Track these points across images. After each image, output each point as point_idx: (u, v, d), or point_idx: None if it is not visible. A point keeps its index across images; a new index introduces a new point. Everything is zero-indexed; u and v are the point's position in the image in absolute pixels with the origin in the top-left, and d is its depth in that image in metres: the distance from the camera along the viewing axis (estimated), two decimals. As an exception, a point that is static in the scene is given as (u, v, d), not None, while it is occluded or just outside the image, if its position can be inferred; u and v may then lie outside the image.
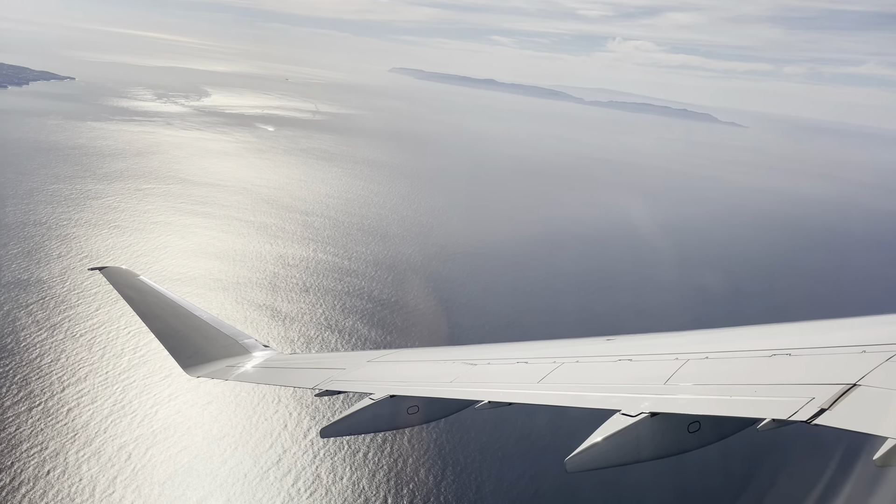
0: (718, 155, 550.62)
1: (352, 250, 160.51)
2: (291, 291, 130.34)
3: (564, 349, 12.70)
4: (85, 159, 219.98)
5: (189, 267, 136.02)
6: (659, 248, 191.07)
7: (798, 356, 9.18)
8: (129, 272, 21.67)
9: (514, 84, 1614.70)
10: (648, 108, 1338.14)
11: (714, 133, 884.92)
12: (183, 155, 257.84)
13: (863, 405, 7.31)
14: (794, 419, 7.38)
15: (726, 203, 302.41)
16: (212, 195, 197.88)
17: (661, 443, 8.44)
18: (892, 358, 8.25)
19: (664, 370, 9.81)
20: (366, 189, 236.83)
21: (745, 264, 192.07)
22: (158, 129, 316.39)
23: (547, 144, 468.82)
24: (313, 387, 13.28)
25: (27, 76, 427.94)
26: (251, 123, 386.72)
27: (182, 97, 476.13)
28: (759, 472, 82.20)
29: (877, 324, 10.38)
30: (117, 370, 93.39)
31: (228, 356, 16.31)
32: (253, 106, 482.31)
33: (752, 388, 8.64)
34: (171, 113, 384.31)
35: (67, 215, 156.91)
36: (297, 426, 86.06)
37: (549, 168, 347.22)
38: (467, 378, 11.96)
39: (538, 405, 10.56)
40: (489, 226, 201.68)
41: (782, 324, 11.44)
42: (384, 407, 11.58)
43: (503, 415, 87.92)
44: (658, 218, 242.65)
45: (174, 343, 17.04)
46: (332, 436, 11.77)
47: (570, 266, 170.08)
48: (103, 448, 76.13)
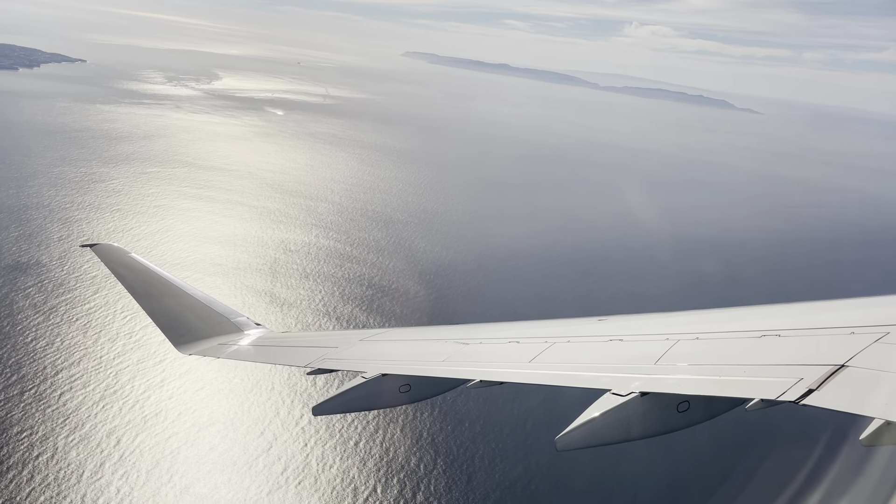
0: (731, 141, 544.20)
1: (354, 236, 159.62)
2: (291, 277, 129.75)
3: (556, 329, 12.68)
4: (91, 142, 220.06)
5: (189, 251, 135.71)
6: (662, 234, 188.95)
7: (787, 337, 9.25)
8: (120, 249, 21.47)
9: (527, 69, 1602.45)
10: (663, 93, 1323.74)
11: (729, 119, 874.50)
12: (190, 138, 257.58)
13: (850, 386, 7.36)
14: (782, 399, 7.43)
15: (733, 190, 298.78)
16: (217, 179, 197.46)
17: (650, 422, 8.51)
18: (880, 339, 8.30)
19: (655, 350, 9.86)
20: (372, 174, 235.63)
21: (748, 253, 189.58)
22: (167, 112, 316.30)
23: (557, 130, 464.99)
24: (305, 365, 13.26)
25: (38, 58, 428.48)
26: (260, 107, 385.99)
27: (193, 80, 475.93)
28: (747, 452, 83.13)
29: (866, 305, 10.44)
30: (111, 354, 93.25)
31: (220, 334, 16.22)
32: (263, 89, 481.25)
33: (742, 369, 8.69)
34: (181, 96, 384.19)
35: (70, 198, 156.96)
36: (289, 405, 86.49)
37: (558, 154, 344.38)
38: (459, 357, 11.98)
39: (530, 384, 10.59)
40: (494, 212, 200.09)
41: (772, 305, 11.48)
42: (376, 385, 11.59)
43: (495, 394, 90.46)
44: (665, 204, 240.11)
45: (166, 321, 16.88)
46: (325, 413, 11.82)
47: (574, 254, 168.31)
48: (93, 433, 75.94)
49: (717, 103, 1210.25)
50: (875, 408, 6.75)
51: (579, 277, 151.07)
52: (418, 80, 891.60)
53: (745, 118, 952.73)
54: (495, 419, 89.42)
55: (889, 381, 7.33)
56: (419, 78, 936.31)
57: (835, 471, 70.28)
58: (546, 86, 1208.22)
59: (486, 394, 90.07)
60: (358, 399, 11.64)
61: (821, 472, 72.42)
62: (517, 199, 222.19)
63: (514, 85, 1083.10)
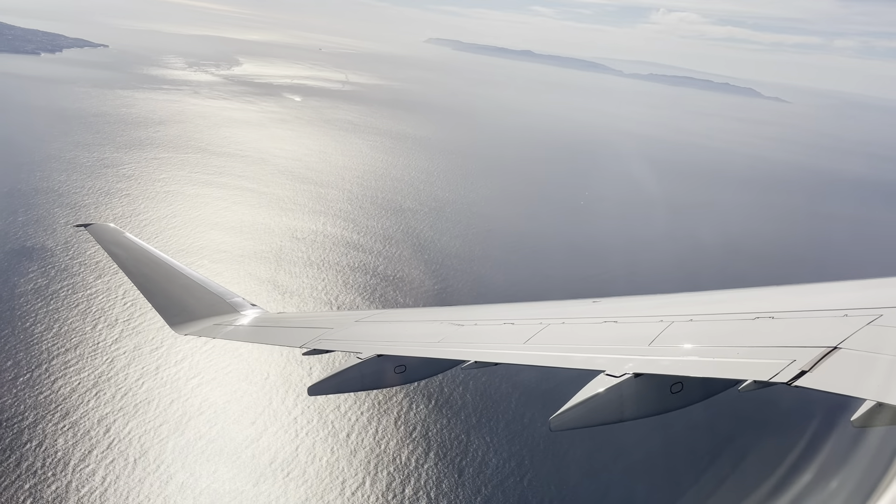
0: (754, 130, 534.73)
1: (362, 224, 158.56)
2: (295, 265, 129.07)
3: (551, 310, 12.82)
4: (107, 127, 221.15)
5: (195, 237, 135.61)
6: (675, 226, 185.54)
7: (781, 319, 9.29)
8: (115, 229, 21.27)
9: (551, 55, 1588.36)
10: (689, 81, 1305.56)
11: (755, 108, 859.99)
12: (206, 124, 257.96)
13: (843, 368, 7.42)
14: (775, 381, 7.47)
15: (752, 179, 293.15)
16: (228, 165, 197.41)
17: (644, 403, 8.58)
18: (872, 322, 8.35)
19: (649, 332, 9.90)
20: (385, 161, 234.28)
21: (760, 245, 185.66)
22: (185, 97, 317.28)
23: (577, 118, 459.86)
24: (301, 345, 13.33)
25: (61, 43, 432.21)
26: (278, 93, 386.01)
27: (213, 66, 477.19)
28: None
29: (859, 288, 10.52)
30: (108, 340, 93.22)
31: (216, 314, 16.14)
32: (283, 75, 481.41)
33: (735, 350, 8.75)
34: (200, 82, 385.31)
35: (80, 183, 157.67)
36: (283, 393, 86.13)
37: (575, 142, 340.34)
38: (454, 338, 12.04)
39: (524, 365, 10.54)
40: (507, 200, 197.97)
41: (766, 287, 11.50)
42: (371, 366, 11.66)
43: (489, 375, 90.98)
44: (681, 195, 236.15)
45: (161, 300, 16.78)
46: (320, 394, 11.87)
47: (588, 244, 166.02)
48: (83, 420, 75.82)
49: (743, 91, 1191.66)
50: (867, 389, 6.79)
51: (589, 267, 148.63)
52: (440, 66, 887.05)
53: (771, 106, 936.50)
54: (489, 400, 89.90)
55: (881, 363, 7.36)
56: (441, 65, 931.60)
57: (826, 452, 70.55)
58: (569, 73, 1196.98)
59: (480, 375, 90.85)
60: (353, 379, 11.68)
61: (812, 453, 72.77)
62: (530, 187, 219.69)
63: (536, 72, 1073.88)
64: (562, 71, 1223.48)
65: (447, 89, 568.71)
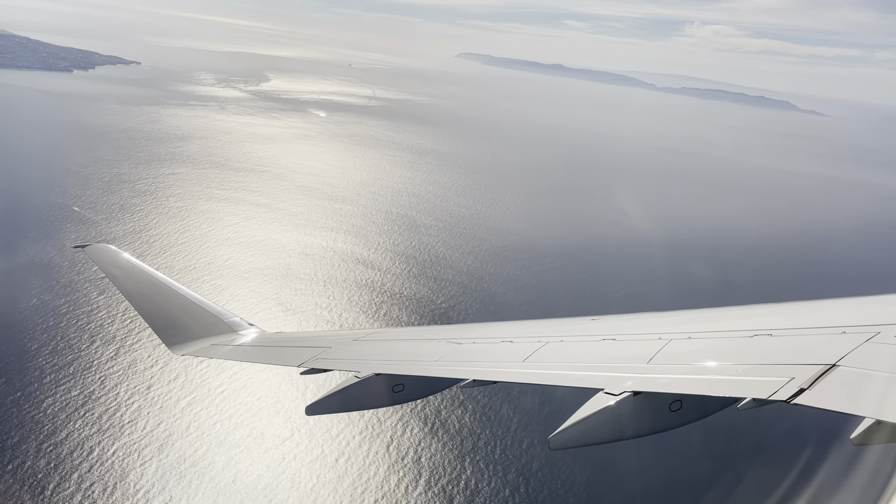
0: (787, 144, 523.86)
1: (373, 240, 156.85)
2: (301, 282, 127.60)
3: (549, 329, 12.76)
4: (129, 143, 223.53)
5: (201, 253, 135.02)
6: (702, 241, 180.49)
7: (779, 337, 9.30)
8: (113, 249, 21.46)
9: (582, 69, 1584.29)
10: (723, 94, 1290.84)
11: (790, 121, 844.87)
12: (228, 140, 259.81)
13: (842, 385, 7.43)
14: (774, 399, 7.50)
15: (778, 192, 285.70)
16: (246, 181, 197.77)
17: (643, 421, 8.53)
18: (871, 339, 8.36)
19: (648, 350, 9.87)
20: (403, 177, 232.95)
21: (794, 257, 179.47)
22: (210, 113, 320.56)
23: (604, 132, 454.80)
24: (299, 365, 13.18)
25: (94, 60, 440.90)
26: (304, 109, 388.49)
27: (242, 82, 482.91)
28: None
29: (857, 305, 10.49)
30: (103, 358, 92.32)
31: (213, 334, 16.15)
32: (310, 91, 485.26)
33: (733, 368, 8.74)
34: (227, 97, 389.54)
35: (95, 198, 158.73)
36: (272, 415, 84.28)
37: (602, 157, 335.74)
38: (452, 357, 12.01)
39: (523, 384, 10.81)
40: (524, 216, 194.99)
41: (764, 305, 11.52)
42: (370, 385, 11.61)
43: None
44: (709, 209, 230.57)
45: (158, 321, 16.82)
46: (318, 413, 11.77)
47: (607, 262, 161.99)
48: (67, 440, 74.59)
49: (779, 104, 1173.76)
50: (866, 407, 6.80)
51: (605, 285, 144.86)
52: (469, 81, 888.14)
53: (807, 120, 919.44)
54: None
55: (880, 381, 7.35)
56: (470, 79, 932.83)
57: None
58: (600, 86, 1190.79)
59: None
60: (351, 399, 11.63)
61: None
62: (549, 202, 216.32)
63: (567, 86, 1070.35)
64: (592, 85, 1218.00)
65: (473, 104, 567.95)
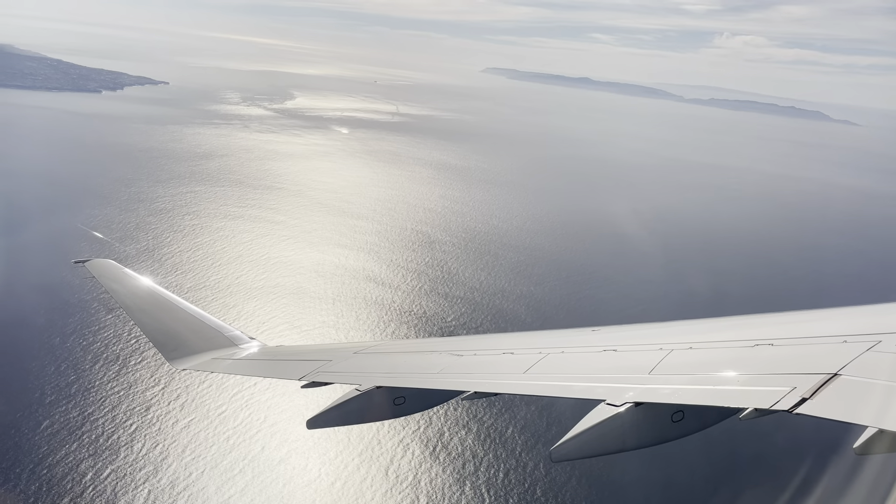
0: (817, 154, 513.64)
1: (386, 257, 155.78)
2: (310, 299, 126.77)
3: (550, 340, 12.77)
4: (149, 162, 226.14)
5: (211, 271, 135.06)
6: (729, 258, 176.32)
7: (780, 346, 9.29)
8: (114, 264, 21.56)
9: (609, 82, 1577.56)
10: (753, 105, 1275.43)
11: (822, 131, 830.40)
12: (249, 157, 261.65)
13: (843, 394, 7.44)
14: (776, 408, 7.49)
15: (805, 204, 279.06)
16: (262, 198, 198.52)
17: (644, 432, 8.54)
18: (872, 348, 8.37)
19: (649, 360, 9.86)
20: (421, 192, 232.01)
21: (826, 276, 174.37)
22: (234, 131, 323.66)
23: (629, 145, 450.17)
24: (299, 378, 13.16)
25: (123, 81, 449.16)
26: (327, 126, 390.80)
27: (267, 100, 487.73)
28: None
29: (858, 314, 10.45)
30: (105, 378, 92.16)
31: (214, 348, 16.13)
32: (334, 108, 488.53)
33: (735, 378, 8.78)
34: (251, 116, 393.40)
35: (111, 217, 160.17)
36: (271, 427, 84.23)
37: (624, 170, 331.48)
38: (454, 369, 12.04)
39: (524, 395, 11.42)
40: (540, 231, 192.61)
41: (765, 314, 11.47)
42: (371, 398, 11.59)
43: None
44: (737, 223, 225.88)
45: (158, 335, 16.88)
46: (319, 427, 11.66)
47: (623, 277, 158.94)
48: (60, 464, 74.08)
49: (810, 115, 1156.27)
50: (868, 416, 6.80)
51: (620, 300, 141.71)
52: (494, 95, 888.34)
53: (839, 130, 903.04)
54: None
55: (882, 390, 7.35)
56: (495, 94, 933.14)
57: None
58: (627, 99, 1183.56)
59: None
60: (352, 412, 11.59)
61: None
62: (567, 217, 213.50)
63: (593, 99, 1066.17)
64: (618, 97, 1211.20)
65: (496, 118, 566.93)
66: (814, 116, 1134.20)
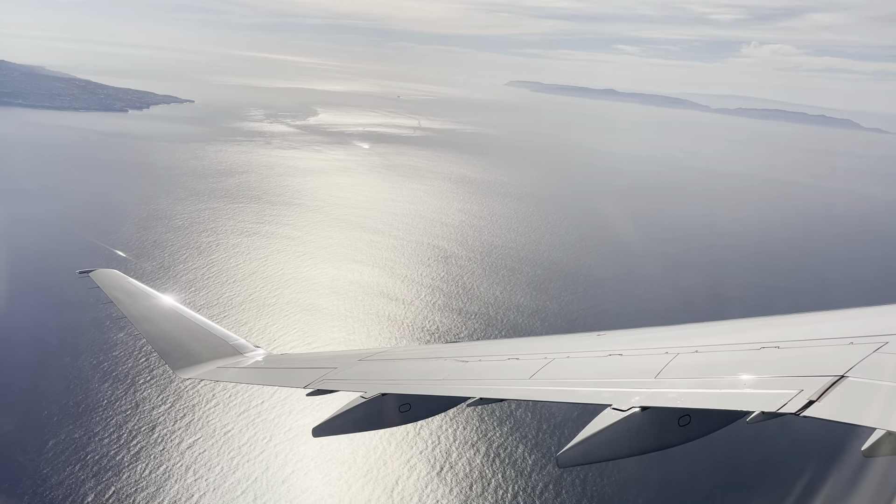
0: (847, 164, 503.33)
1: (400, 273, 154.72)
2: (322, 316, 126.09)
3: (555, 345, 12.75)
4: (170, 180, 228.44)
5: (224, 288, 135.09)
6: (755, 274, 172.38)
7: (786, 349, 9.23)
8: (118, 274, 21.90)
9: (634, 93, 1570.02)
10: (781, 114, 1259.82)
11: (852, 140, 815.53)
12: (269, 174, 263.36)
13: (851, 397, 7.40)
14: (783, 411, 7.44)
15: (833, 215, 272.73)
16: (280, 214, 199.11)
17: (651, 436, 8.49)
18: (879, 349, 8.31)
19: (655, 364, 9.82)
20: (439, 207, 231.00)
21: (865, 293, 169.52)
22: (256, 148, 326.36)
23: (650, 155, 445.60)
24: (305, 386, 13.11)
25: (150, 100, 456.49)
26: (348, 141, 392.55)
27: (290, 117, 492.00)
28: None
29: (864, 316, 10.40)
30: (113, 397, 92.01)
31: (219, 357, 16.07)
32: (356, 124, 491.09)
33: (742, 381, 8.72)
34: (274, 132, 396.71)
35: (129, 235, 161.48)
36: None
37: (645, 181, 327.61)
38: (458, 375, 11.95)
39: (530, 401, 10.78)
40: (557, 245, 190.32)
41: (771, 317, 11.41)
42: (376, 405, 11.56)
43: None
44: (762, 238, 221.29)
45: (164, 345, 16.88)
46: (324, 435, 11.58)
47: (641, 292, 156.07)
48: (58, 488, 73.67)
49: (840, 123, 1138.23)
50: (876, 418, 6.75)
51: (640, 313, 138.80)
52: (516, 108, 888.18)
53: (871, 138, 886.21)
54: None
55: (889, 391, 7.30)
56: (517, 106, 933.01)
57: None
58: (653, 110, 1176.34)
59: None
60: (358, 420, 11.56)
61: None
62: (585, 230, 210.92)
63: (618, 110, 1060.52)
64: (645, 108, 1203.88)
65: (518, 131, 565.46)
66: (844, 125, 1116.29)
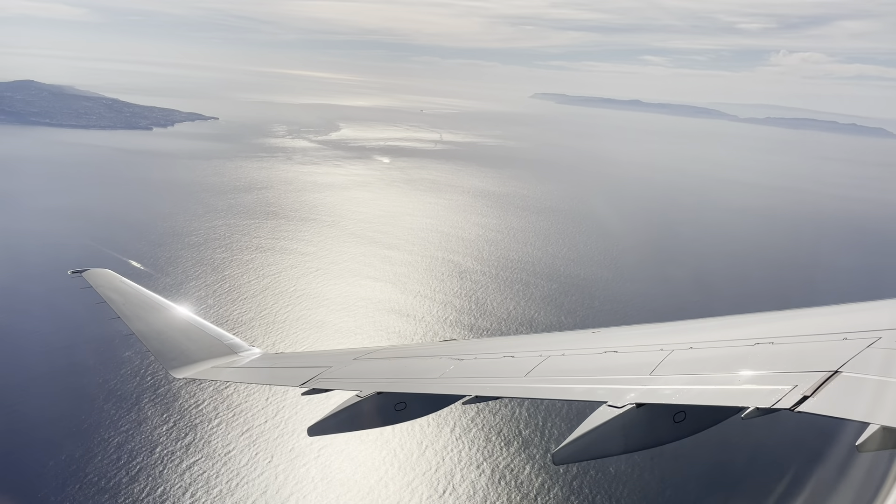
0: (877, 173, 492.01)
1: (411, 288, 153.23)
2: (329, 332, 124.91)
3: (551, 342, 12.74)
4: (188, 196, 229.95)
5: (233, 305, 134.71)
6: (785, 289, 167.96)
7: (781, 345, 9.30)
8: (111, 274, 21.50)
9: (661, 104, 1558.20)
10: (811, 123, 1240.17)
11: (884, 149, 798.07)
12: (288, 189, 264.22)
13: (845, 392, 7.45)
14: (777, 407, 7.49)
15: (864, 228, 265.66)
16: (296, 229, 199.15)
17: (647, 433, 8.51)
18: (872, 344, 8.40)
19: (650, 361, 9.87)
20: (456, 221, 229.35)
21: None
22: (277, 164, 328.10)
23: (677, 166, 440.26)
24: (300, 385, 13.09)
25: (174, 118, 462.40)
26: (369, 156, 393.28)
27: (312, 132, 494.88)
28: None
29: (858, 311, 10.46)
30: (116, 416, 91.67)
31: (214, 356, 16.03)
32: (378, 138, 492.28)
33: (736, 377, 8.76)
34: (296, 148, 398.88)
35: (144, 252, 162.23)
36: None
37: (671, 192, 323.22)
38: (454, 373, 11.97)
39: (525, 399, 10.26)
40: (575, 258, 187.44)
41: (765, 313, 11.37)
42: (371, 404, 11.54)
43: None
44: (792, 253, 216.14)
45: (158, 344, 16.74)
46: (320, 434, 11.58)
47: (660, 307, 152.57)
48: (51, 497, 73.02)
49: (872, 131, 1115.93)
50: (869, 413, 6.82)
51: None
52: (540, 121, 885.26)
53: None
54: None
55: (883, 386, 7.35)
56: (541, 119, 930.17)
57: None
58: (679, 120, 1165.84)
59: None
60: (353, 418, 11.54)
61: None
62: (606, 244, 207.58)
63: (644, 121, 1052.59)
64: (671, 119, 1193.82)
65: (540, 143, 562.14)
66: (876, 133, 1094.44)
